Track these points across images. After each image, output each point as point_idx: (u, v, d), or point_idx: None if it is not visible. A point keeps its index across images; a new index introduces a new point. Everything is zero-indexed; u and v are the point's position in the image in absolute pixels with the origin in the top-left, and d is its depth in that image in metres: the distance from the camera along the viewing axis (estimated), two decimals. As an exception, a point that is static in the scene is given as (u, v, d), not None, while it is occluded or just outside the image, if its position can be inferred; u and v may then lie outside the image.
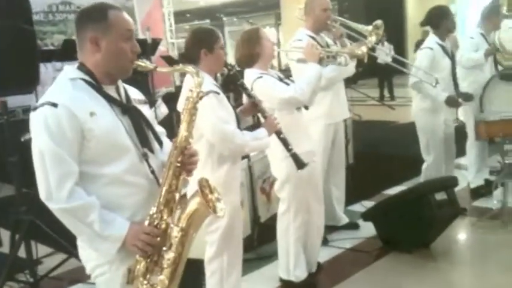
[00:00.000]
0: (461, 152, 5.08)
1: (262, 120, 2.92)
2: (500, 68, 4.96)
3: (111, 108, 1.85)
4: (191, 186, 2.03)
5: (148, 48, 7.15)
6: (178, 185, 1.88)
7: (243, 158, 3.29)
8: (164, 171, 1.88)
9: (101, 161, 1.81)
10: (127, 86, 2.01)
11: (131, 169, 1.85)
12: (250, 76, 3.21)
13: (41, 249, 3.78)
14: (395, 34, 14.58)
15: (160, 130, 2.12)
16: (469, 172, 5.09)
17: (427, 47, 4.50)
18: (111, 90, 1.89)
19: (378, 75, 12.75)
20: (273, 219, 4.18)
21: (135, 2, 9.75)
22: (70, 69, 1.87)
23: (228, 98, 2.94)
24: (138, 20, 9.76)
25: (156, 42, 8.24)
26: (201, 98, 2.46)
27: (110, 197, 1.82)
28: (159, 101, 6.77)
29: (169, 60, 8.79)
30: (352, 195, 4.79)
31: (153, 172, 1.91)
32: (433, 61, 4.43)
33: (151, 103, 7.29)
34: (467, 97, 4.62)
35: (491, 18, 4.91)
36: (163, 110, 6.52)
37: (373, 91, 12.33)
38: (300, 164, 2.96)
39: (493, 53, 4.75)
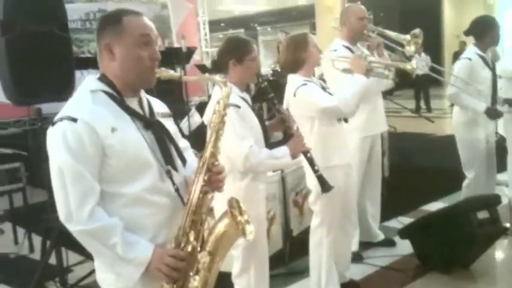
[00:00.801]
0: (500, 167, 4.88)
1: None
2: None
3: (134, 122, 1.72)
4: (218, 201, 1.93)
5: (183, 56, 7.16)
6: (205, 205, 1.77)
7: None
8: (190, 189, 1.76)
9: (122, 180, 1.69)
10: (151, 98, 1.89)
11: (153, 187, 1.73)
12: (294, 82, 3.14)
13: (71, 257, 3.73)
14: (432, 45, 14.32)
15: (184, 145, 2.01)
16: (510, 189, 4.88)
17: (466, 57, 4.35)
18: (133, 103, 1.77)
19: (414, 86, 12.51)
20: (306, 233, 4.07)
21: (170, 10, 9.81)
22: (91, 80, 1.75)
23: (261, 109, 2.86)
24: (173, 28, 9.82)
25: (190, 51, 8.25)
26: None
27: (129, 218, 1.69)
28: (193, 110, 6.76)
29: (203, 69, 8.81)
30: (388, 210, 4.64)
31: (177, 190, 1.79)
32: (472, 72, 4.26)
33: (185, 112, 7.31)
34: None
35: None
36: (196, 119, 6.50)
37: (409, 102, 12.10)
38: (325, 187, 2.86)
39: None
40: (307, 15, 17.18)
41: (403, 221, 4.61)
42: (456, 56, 12.42)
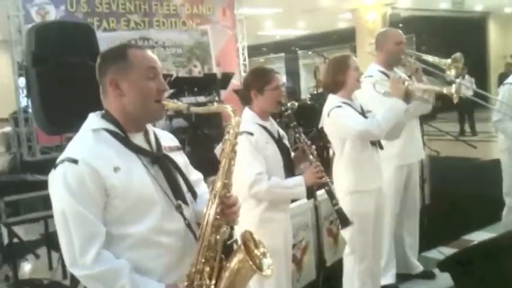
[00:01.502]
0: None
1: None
2: None
3: (139, 159, 1.68)
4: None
5: (218, 82, 7.20)
6: (219, 240, 1.69)
7: (309, 197, 3.14)
8: (202, 224, 1.69)
9: (126, 220, 1.63)
10: (159, 132, 1.86)
11: (159, 227, 1.67)
12: (330, 103, 3.17)
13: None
14: (477, 67, 14.00)
15: (196, 177, 1.97)
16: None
17: (510, 82, 4.17)
18: (138, 138, 1.74)
19: (459, 109, 12.19)
20: (340, 263, 3.96)
21: (210, 37, 9.93)
22: (93, 119, 1.73)
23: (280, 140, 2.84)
24: (213, 55, 9.93)
25: (227, 77, 8.31)
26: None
27: (136, 260, 1.63)
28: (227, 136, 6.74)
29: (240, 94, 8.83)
30: (428, 240, 4.46)
31: (189, 225, 1.72)
32: None
33: (221, 137, 7.28)
34: None
35: None
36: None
37: (454, 125, 11.78)
38: (344, 221, 2.79)
39: None
40: (348, 39, 17.12)
41: (444, 251, 4.42)
42: (502, 77, 12.07)
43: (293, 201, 3.16)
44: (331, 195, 2.77)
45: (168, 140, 1.88)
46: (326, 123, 3.20)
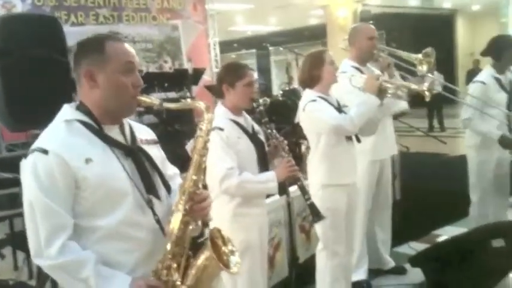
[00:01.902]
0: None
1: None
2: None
3: (112, 151, 1.66)
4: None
5: (190, 78, 7.12)
6: (187, 236, 1.68)
7: (281, 193, 3.13)
8: (171, 219, 1.67)
9: (97, 213, 1.62)
10: (135, 125, 1.84)
11: (130, 220, 1.65)
12: (306, 97, 3.18)
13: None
14: (445, 63, 14.19)
15: (173, 172, 1.94)
16: (526, 213, 4.71)
17: (480, 80, 4.20)
18: (113, 131, 1.71)
19: (427, 105, 12.35)
20: (313, 259, 3.95)
21: (181, 32, 9.81)
22: (67, 110, 1.70)
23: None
24: (184, 50, 9.82)
25: (199, 72, 8.22)
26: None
27: (105, 253, 1.61)
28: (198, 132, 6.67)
29: (212, 90, 8.77)
30: (399, 235, 4.48)
31: (158, 221, 1.70)
32: (485, 96, 4.12)
33: (193, 134, 7.22)
34: None
35: None
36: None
37: (422, 121, 11.93)
38: (316, 216, 2.77)
39: None
40: (319, 35, 17.15)
41: (414, 246, 4.49)
42: (470, 74, 12.28)
43: (266, 197, 3.14)
44: (303, 190, 2.77)
45: (145, 133, 1.86)
46: (301, 118, 3.21)
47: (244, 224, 2.71)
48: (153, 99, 1.78)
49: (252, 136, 2.77)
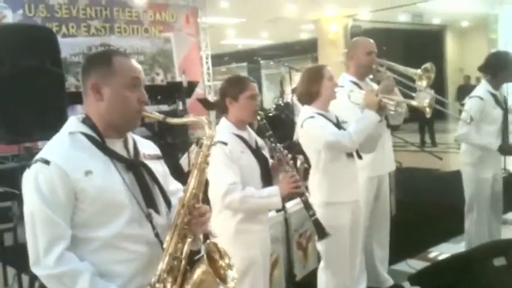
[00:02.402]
0: (508, 205, 4.67)
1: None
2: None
3: (114, 165, 1.67)
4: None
5: (183, 91, 7.07)
6: (184, 250, 1.67)
7: (279, 210, 3.07)
8: (168, 233, 1.68)
9: (94, 224, 1.63)
10: (140, 140, 1.85)
11: (127, 233, 1.66)
12: (304, 114, 3.12)
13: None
14: (435, 79, 14.23)
15: (175, 187, 1.94)
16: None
17: (477, 96, 4.18)
18: (117, 145, 1.73)
19: (419, 120, 12.38)
20: (310, 277, 3.88)
21: (173, 45, 9.78)
22: (72, 122, 1.73)
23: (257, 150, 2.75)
24: (176, 62, 9.78)
25: (192, 85, 8.18)
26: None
27: (100, 263, 1.62)
28: (193, 146, 6.59)
29: (205, 103, 8.73)
30: (396, 252, 4.42)
31: (157, 235, 1.70)
32: (482, 112, 4.10)
33: (186, 147, 7.16)
34: None
35: None
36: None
37: (414, 136, 11.95)
38: (321, 233, 2.73)
39: None
40: (310, 49, 17.24)
41: (412, 264, 4.44)
42: (461, 90, 12.36)
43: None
44: (307, 205, 2.71)
45: (149, 148, 1.88)
46: (300, 135, 3.16)
47: (246, 241, 2.65)
48: (156, 114, 1.82)
49: (256, 151, 2.72)
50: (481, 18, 14.57)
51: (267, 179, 2.70)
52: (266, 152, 2.82)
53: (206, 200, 2.70)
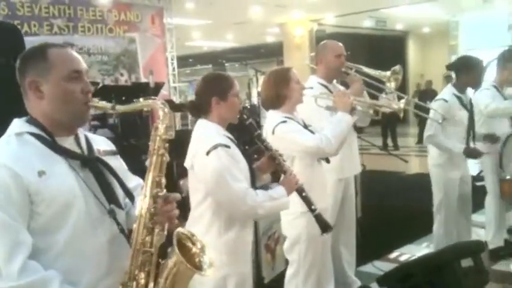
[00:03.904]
0: (474, 207, 4.77)
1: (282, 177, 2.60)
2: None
3: (67, 163, 1.57)
4: None
5: (150, 91, 6.98)
6: (154, 242, 1.58)
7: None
8: (134, 227, 1.59)
9: (53, 227, 1.52)
10: (92, 136, 1.76)
11: (89, 233, 1.57)
12: (273, 119, 2.98)
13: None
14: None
15: (136, 183, 1.84)
16: (488, 231, 4.78)
17: (442, 98, 4.26)
18: (68, 142, 1.63)
19: (381, 123, 12.56)
20: (278, 280, 3.86)
21: (138, 45, 9.65)
22: (17, 123, 1.61)
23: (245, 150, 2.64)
24: (141, 63, 9.65)
25: (158, 86, 8.09)
26: (208, 153, 2.25)
27: (65, 270, 1.51)
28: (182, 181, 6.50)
29: (170, 104, 8.61)
30: (363, 254, 4.46)
31: (122, 231, 1.62)
32: (448, 114, 4.17)
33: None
34: (493, 138, 4.36)
35: (502, 72, 4.68)
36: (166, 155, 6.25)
37: (376, 140, 12.12)
38: (325, 226, 2.64)
39: None
40: (276, 53, 17.33)
41: (378, 265, 4.47)
42: (422, 95, 12.61)
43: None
44: (308, 201, 2.62)
45: (103, 144, 1.79)
46: (270, 142, 3.01)
47: (241, 256, 2.49)
48: (104, 102, 1.70)
49: (243, 151, 2.54)
50: (442, 25, 14.92)
51: (253, 181, 2.52)
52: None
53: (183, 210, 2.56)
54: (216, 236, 2.40)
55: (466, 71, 4.22)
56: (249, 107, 8.91)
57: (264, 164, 2.59)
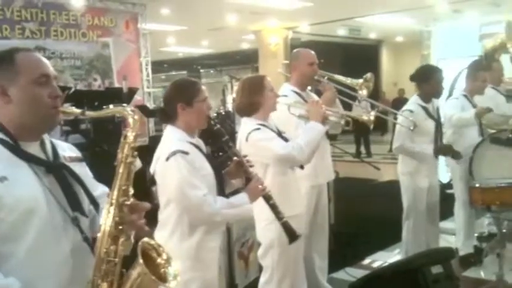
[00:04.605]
0: (443, 214, 4.84)
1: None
2: (490, 131, 4.79)
3: (31, 168, 1.55)
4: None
5: (124, 97, 6.91)
6: (118, 252, 1.55)
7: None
8: (98, 235, 1.56)
9: (14, 235, 1.48)
10: (58, 142, 1.74)
11: (52, 241, 1.54)
12: (247, 126, 3.01)
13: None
14: (371, 92, 14.68)
15: (101, 191, 1.81)
16: (457, 238, 4.86)
17: (408, 109, 4.31)
18: (32, 147, 1.60)
19: (355, 131, 12.68)
20: (251, 286, 3.86)
21: (112, 50, 9.56)
22: None
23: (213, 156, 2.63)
24: (115, 68, 9.56)
25: (132, 92, 8.02)
26: (167, 159, 2.27)
27: (26, 279, 1.47)
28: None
29: (144, 110, 8.55)
30: (336, 261, 4.48)
31: (86, 239, 1.60)
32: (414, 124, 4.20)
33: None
34: (457, 155, 4.43)
35: (473, 80, 4.78)
36: (136, 163, 6.18)
37: (349, 147, 12.22)
38: (292, 235, 2.66)
39: (485, 114, 4.58)
40: (251, 59, 17.36)
41: (350, 272, 4.50)
42: (396, 103, 12.77)
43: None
44: (275, 208, 2.62)
45: (68, 151, 1.76)
46: (244, 148, 2.98)
47: (207, 261, 2.49)
48: (73, 108, 1.71)
49: (210, 158, 2.56)
50: (415, 34, 15.12)
51: (221, 188, 2.54)
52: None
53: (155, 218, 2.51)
54: (179, 241, 2.41)
55: (425, 81, 4.29)
56: (223, 113, 8.87)
57: (232, 170, 2.60)
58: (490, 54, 5.66)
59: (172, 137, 2.46)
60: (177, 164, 2.33)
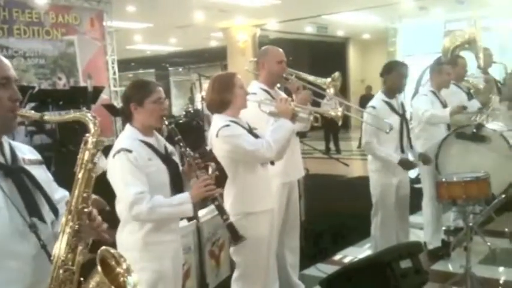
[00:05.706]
0: (411, 209, 4.90)
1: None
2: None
3: None
4: None
5: (89, 96, 6.80)
6: (76, 260, 1.52)
7: (190, 219, 2.96)
8: (56, 243, 1.52)
9: None
10: (16, 144, 1.69)
11: (8, 248, 1.49)
12: (217, 123, 3.03)
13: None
14: (339, 89, 14.81)
15: (61, 195, 1.78)
16: (426, 233, 4.92)
17: (370, 106, 4.34)
18: None
19: (324, 128, 12.77)
20: (223, 285, 3.84)
21: (77, 48, 9.40)
22: None
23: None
24: (80, 67, 9.40)
25: (98, 90, 7.91)
26: (113, 156, 2.40)
27: None
28: (98, 154, 6.35)
29: (111, 109, 8.45)
30: (306, 257, 4.49)
31: (44, 246, 1.54)
32: (378, 120, 4.23)
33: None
34: (426, 160, 4.49)
35: (437, 76, 4.86)
36: (102, 164, 6.08)
37: (318, 144, 12.30)
38: (235, 236, 2.67)
39: (459, 112, 4.64)
40: (219, 57, 17.31)
41: (322, 268, 4.51)
42: (363, 100, 12.91)
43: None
44: (220, 209, 2.64)
45: (27, 153, 1.71)
46: (214, 145, 3.03)
47: (156, 253, 2.52)
48: (32, 112, 1.66)
49: (165, 157, 2.59)
50: (381, 32, 15.32)
51: (178, 186, 2.58)
52: (177, 158, 2.71)
53: (113, 213, 2.57)
54: (129, 234, 2.52)
55: (387, 73, 4.34)
56: (192, 111, 8.82)
57: (186, 170, 2.66)
58: (448, 52, 5.80)
59: (123, 135, 2.57)
60: (119, 162, 2.42)
